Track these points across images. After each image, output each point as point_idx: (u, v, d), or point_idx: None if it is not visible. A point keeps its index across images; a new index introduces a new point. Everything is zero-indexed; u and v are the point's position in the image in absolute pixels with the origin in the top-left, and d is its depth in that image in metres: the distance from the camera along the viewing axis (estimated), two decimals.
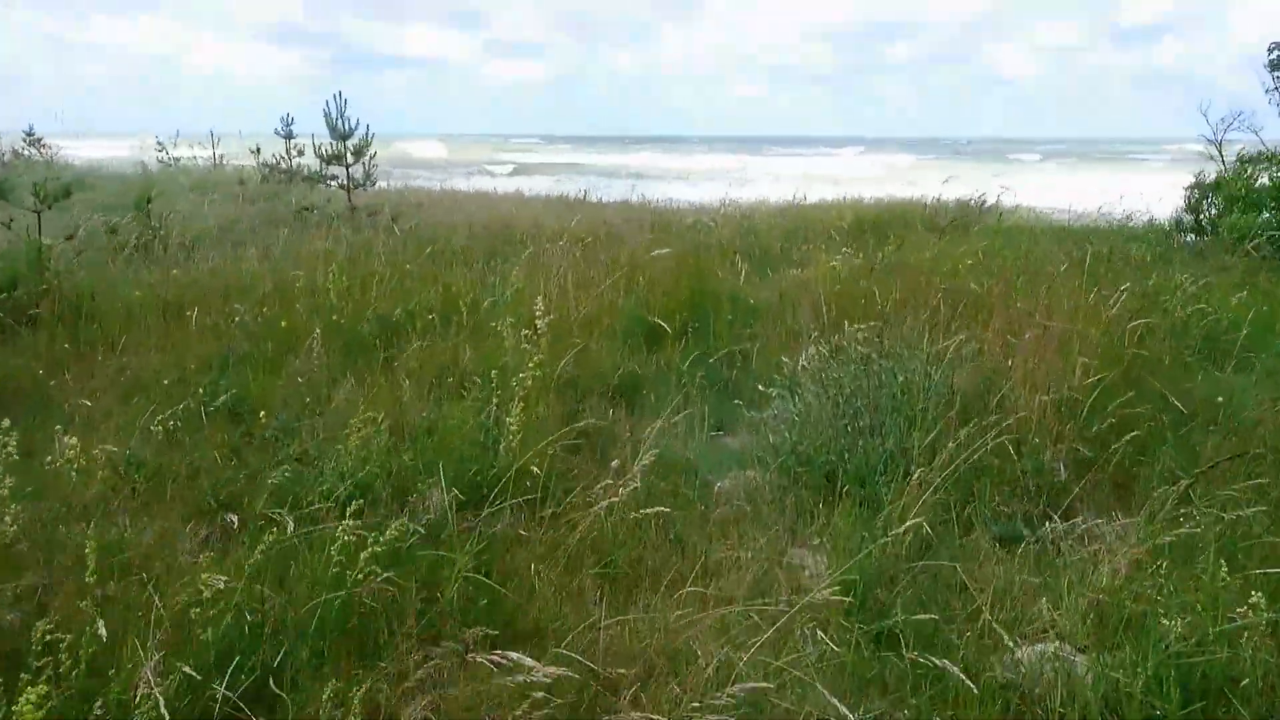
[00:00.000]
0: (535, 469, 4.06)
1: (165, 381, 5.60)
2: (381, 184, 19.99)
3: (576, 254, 8.58)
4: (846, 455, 4.36)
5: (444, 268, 8.50)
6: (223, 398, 5.29)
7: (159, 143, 20.80)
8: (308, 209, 11.86)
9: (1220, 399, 4.75)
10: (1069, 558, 3.56)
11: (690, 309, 6.98)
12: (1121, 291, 5.65)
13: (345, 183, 12.07)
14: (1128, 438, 4.18)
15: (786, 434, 4.69)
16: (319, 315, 6.61)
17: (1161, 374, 4.98)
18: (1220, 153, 14.76)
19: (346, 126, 12.03)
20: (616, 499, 3.66)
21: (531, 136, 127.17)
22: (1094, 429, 4.30)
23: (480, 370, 5.70)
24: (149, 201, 10.38)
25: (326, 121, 12.01)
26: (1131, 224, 13.56)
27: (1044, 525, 3.97)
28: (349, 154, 12.07)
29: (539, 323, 5.51)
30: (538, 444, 4.60)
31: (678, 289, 7.24)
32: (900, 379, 4.72)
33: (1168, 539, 3.36)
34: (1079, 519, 4.05)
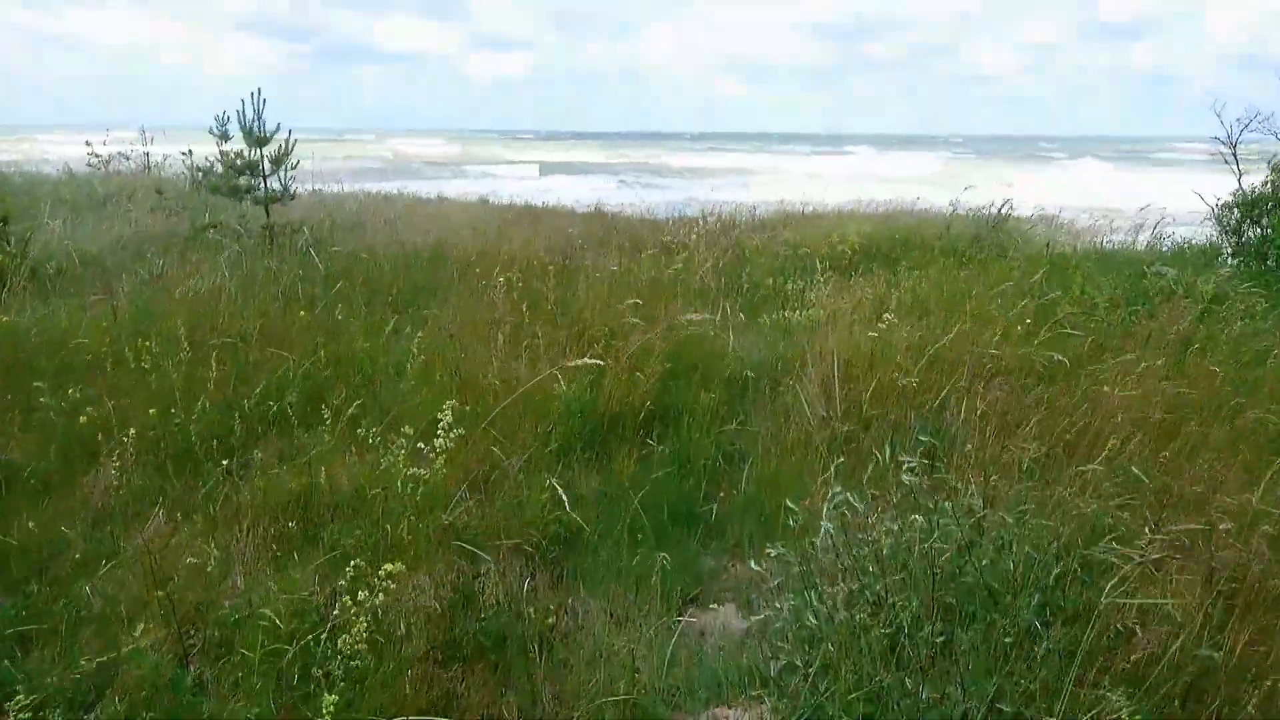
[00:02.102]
0: None
1: None
2: (335, 188, 18.12)
3: (514, 296, 6.78)
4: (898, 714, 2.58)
5: (349, 315, 6.65)
6: None
7: (87, 142, 18.77)
8: (213, 227, 10.00)
9: None
10: None
11: (659, 388, 5.18)
12: None
13: (262, 196, 10.18)
14: None
15: (796, 658, 2.90)
16: (150, 399, 4.78)
17: None
18: (1235, 156, 13.42)
19: (264, 130, 10.15)
20: None
21: (527, 132, 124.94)
22: None
23: (350, 503, 3.91)
24: (5, 222, 8.52)
25: (240, 124, 10.13)
26: (1170, 243, 11.95)
27: None
28: (266, 162, 10.19)
29: (440, 439, 3.74)
30: (395, 672, 2.81)
31: (643, 355, 5.43)
32: (985, 560, 2.93)
33: None
34: None
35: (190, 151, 16.33)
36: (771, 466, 4.37)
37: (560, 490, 3.67)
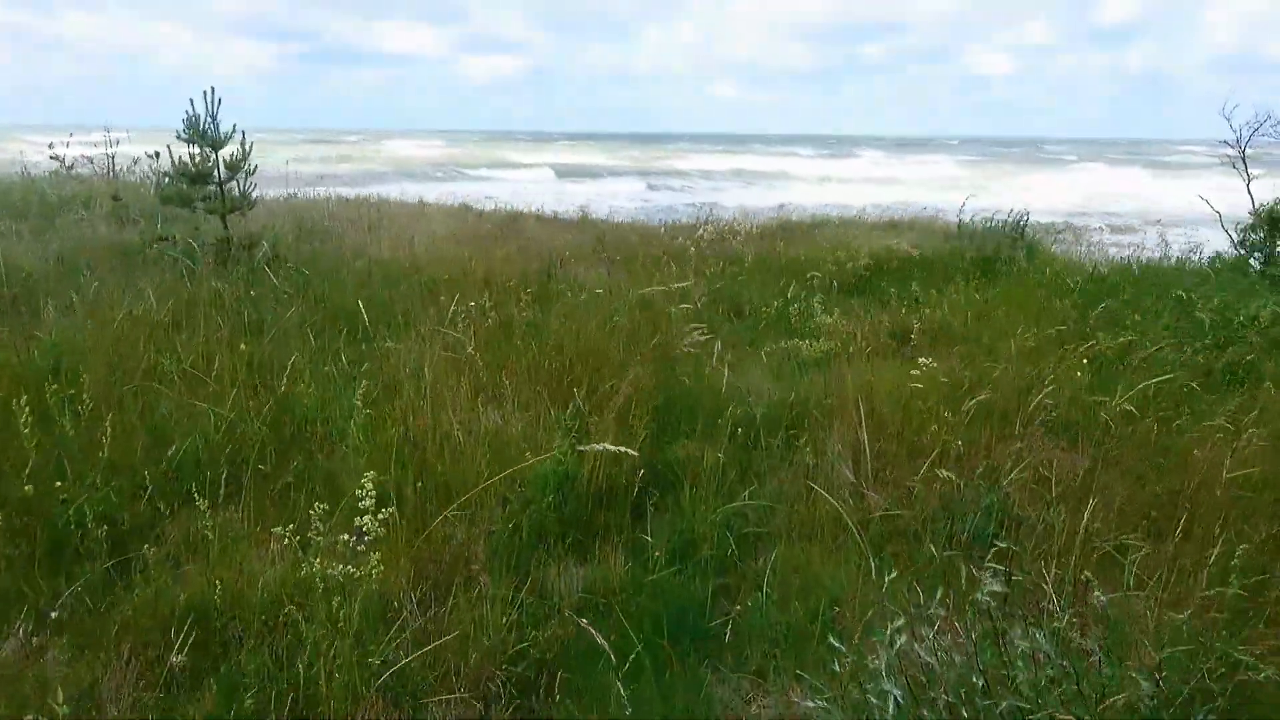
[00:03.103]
0: None
1: None
2: (309, 192, 17.20)
3: (488, 324, 5.95)
4: None
5: (298, 347, 5.78)
6: None
7: (51, 144, 17.77)
8: (164, 240, 9.13)
9: None
10: None
11: (651, 448, 4.34)
12: None
13: (218, 205, 9.30)
14: None
15: None
16: (36, 470, 3.90)
17: None
18: (1244, 160, 12.81)
19: (218, 132, 9.27)
20: None
21: (524, 134, 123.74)
22: None
23: (261, 620, 3.05)
24: None
25: (193, 126, 9.25)
26: (1200, 256, 11.23)
27: None
28: (221, 168, 9.31)
29: (365, 521, 2.89)
30: None
31: (633, 404, 4.58)
32: None
33: None
34: None
35: (157, 154, 15.36)
36: (796, 556, 3.53)
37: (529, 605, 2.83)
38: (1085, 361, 5.11)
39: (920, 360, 4.54)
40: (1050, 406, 4.65)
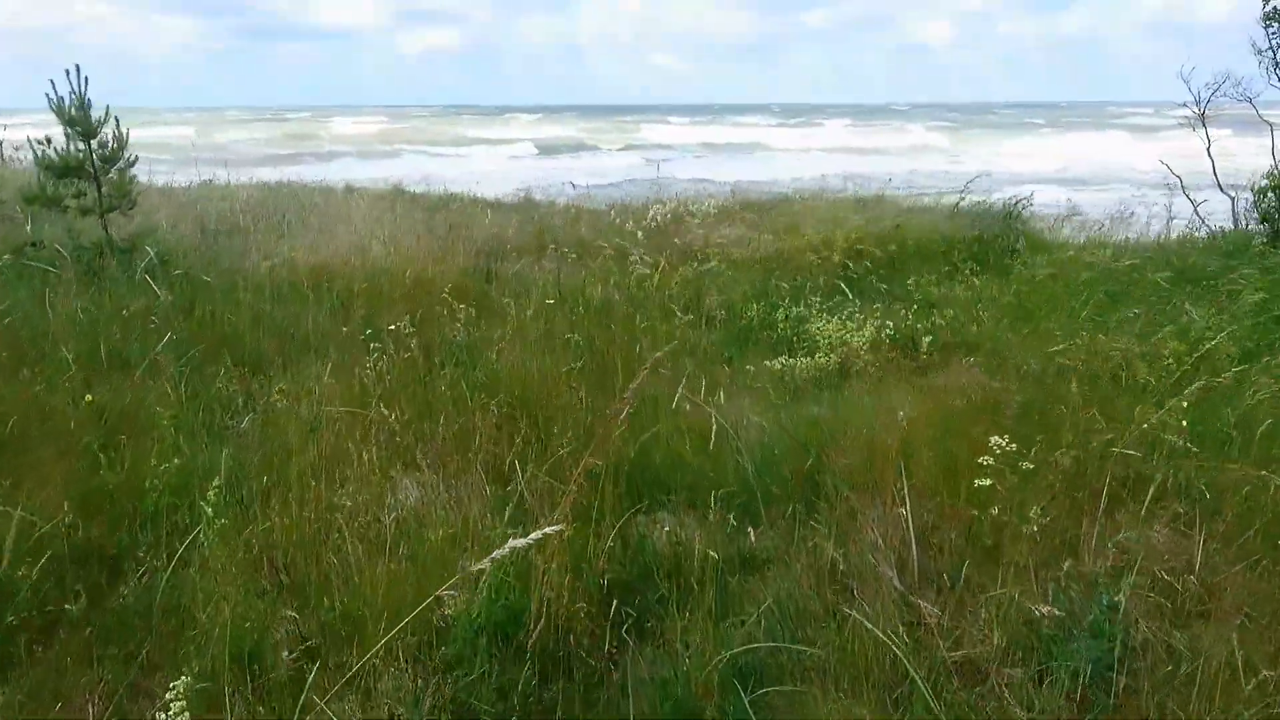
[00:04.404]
0: None
1: None
2: (230, 177, 15.56)
3: (408, 354, 4.76)
4: None
5: (168, 392, 4.51)
6: None
7: None
8: (33, 245, 7.74)
9: None
10: None
11: (623, 549, 3.21)
12: None
13: (92, 204, 7.90)
14: None
15: None
16: None
17: None
18: (1204, 122, 12.41)
19: (91, 119, 7.87)
20: None
21: (470, 108, 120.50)
22: None
23: None
24: None
25: (58, 112, 7.84)
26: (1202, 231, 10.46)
27: None
28: (96, 160, 7.92)
29: None
30: None
31: (596, 482, 3.42)
32: None
33: None
34: None
35: (48, 140, 13.61)
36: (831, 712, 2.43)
37: None
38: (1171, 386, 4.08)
39: (992, 438, 3.37)
40: (1134, 457, 3.61)
